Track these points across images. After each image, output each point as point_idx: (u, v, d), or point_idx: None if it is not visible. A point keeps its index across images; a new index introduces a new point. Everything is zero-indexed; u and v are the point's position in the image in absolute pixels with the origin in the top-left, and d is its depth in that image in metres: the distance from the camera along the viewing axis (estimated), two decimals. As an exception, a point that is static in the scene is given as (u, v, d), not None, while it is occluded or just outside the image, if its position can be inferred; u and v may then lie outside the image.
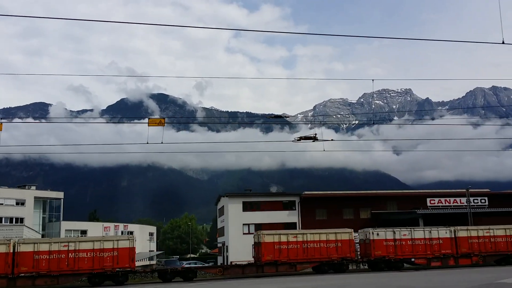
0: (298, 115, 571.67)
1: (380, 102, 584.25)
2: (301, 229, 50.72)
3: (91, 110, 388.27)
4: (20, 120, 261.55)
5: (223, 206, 58.12)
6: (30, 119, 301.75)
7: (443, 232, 37.57)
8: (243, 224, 53.70)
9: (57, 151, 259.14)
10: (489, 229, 38.60)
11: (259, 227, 50.83)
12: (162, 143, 27.26)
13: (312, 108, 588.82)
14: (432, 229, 37.73)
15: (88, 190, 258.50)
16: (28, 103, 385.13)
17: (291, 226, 52.43)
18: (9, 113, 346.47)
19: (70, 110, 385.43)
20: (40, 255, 29.14)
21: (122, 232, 74.36)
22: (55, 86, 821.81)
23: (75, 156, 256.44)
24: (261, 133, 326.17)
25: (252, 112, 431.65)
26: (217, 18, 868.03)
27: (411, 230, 37.22)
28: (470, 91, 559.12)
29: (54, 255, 29.25)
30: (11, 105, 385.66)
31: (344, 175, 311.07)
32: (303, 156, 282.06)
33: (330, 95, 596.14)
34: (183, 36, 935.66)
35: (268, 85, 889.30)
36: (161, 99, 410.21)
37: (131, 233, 71.79)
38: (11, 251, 28.69)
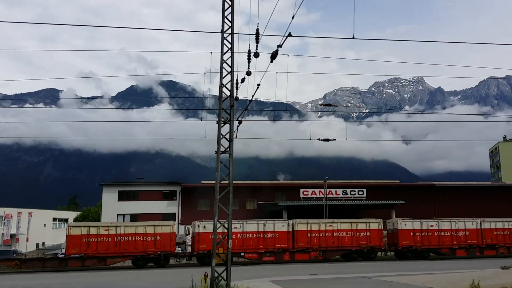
0: (308, 103, 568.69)
1: (392, 91, 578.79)
2: (181, 220, 49.63)
3: (101, 97, 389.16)
4: (30, 106, 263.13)
5: (103, 196, 55.83)
6: (41, 105, 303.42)
7: (280, 226, 35.83)
8: (118, 215, 51.04)
9: (67, 136, 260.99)
10: (332, 223, 36.98)
11: (135, 217, 49.09)
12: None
13: (322, 97, 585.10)
14: (268, 221, 36.18)
15: (97, 175, 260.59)
16: (39, 89, 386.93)
17: (170, 216, 49.70)
18: (21, 99, 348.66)
19: (81, 97, 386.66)
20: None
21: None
22: (66, 72, 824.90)
23: (84, 142, 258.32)
24: (269, 121, 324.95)
25: (262, 100, 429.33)
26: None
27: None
28: (483, 80, 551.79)
29: None
30: (23, 91, 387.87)
31: (352, 164, 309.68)
32: (312, 144, 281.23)
33: (341, 84, 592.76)
34: (195, 23, 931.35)
35: (279, 74, 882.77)
36: (171, 86, 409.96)
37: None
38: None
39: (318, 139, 28.09)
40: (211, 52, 17.08)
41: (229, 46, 16.28)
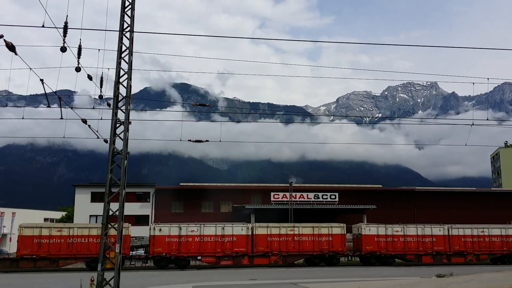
0: (321, 107, 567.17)
1: (405, 96, 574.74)
2: (154, 222, 48.29)
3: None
4: (44, 107, 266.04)
5: (78, 197, 55.69)
6: (55, 106, 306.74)
7: (239, 229, 35.25)
8: (90, 216, 50.76)
9: (81, 137, 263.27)
10: (293, 227, 36.32)
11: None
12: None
13: (335, 101, 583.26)
14: (226, 225, 35.65)
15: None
16: (53, 90, 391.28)
17: (143, 219, 50.00)
18: (36, 100, 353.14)
19: (94, 98, 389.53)
20: None
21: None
22: (80, 73, 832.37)
23: (97, 143, 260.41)
24: (282, 124, 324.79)
25: (274, 103, 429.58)
26: (242, 8, 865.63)
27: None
28: (498, 85, 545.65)
29: None
30: (37, 92, 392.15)
31: (364, 168, 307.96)
32: (323, 148, 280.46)
33: (354, 88, 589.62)
34: (209, 26, 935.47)
35: (292, 77, 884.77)
36: (184, 88, 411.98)
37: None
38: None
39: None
40: (98, 50, 16.86)
41: (128, 45, 15.67)
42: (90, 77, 15.84)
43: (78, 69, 14.55)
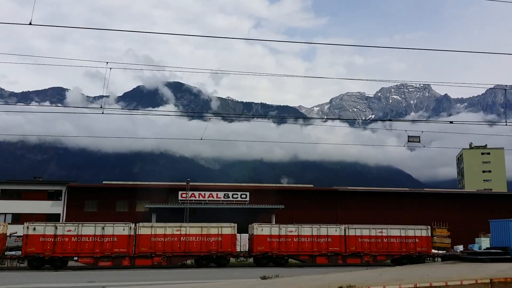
0: (314, 107, 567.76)
1: (398, 97, 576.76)
2: (66, 221, 48.07)
3: (107, 96, 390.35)
4: (37, 105, 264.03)
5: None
6: (47, 103, 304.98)
7: (120, 229, 34.04)
8: None
9: (72, 135, 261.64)
10: (180, 227, 35.36)
11: (17, 217, 48.27)
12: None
13: (328, 101, 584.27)
14: (107, 224, 34.52)
15: (101, 175, 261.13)
16: (46, 88, 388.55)
17: (54, 217, 48.85)
18: (28, 97, 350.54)
19: (87, 96, 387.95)
20: None
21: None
22: (73, 71, 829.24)
23: (89, 141, 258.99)
24: (274, 124, 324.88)
25: (268, 103, 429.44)
26: (238, 8, 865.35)
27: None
28: (490, 88, 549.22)
29: None
30: (30, 89, 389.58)
31: (356, 169, 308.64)
32: (315, 148, 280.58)
33: (348, 89, 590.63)
34: (205, 26, 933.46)
35: (286, 77, 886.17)
36: (177, 87, 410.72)
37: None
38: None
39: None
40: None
41: None
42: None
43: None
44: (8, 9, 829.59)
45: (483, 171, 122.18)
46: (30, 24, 12.18)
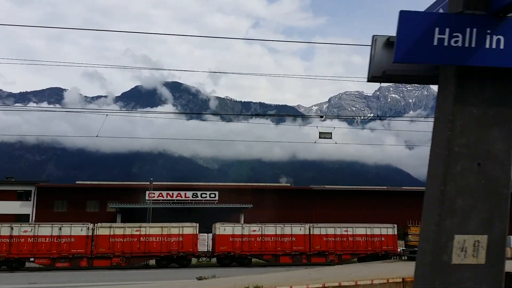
0: (313, 107, 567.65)
1: (396, 96, 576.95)
2: (35, 221, 47.32)
3: (105, 96, 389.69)
4: (35, 106, 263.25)
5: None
6: (45, 104, 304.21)
7: (78, 230, 33.77)
8: None
9: (70, 135, 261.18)
10: (140, 227, 35.01)
11: None
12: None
13: (327, 100, 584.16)
14: (64, 225, 34.11)
15: (99, 175, 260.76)
16: (44, 88, 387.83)
17: (23, 218, 48.34)
18: (25, 98, 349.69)
19: (85, 96, 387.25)
20: None
21: None
22: (72, 71, 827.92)
23: (87, 142, 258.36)
24: (273, 123, 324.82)
25: (266, 103, 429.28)
26: (236, 7, 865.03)
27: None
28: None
29: None
30: (28, 90, 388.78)
31: (355, 168, 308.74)
32: (314, 148, 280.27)
33: (347, 88, 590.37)
34: (203, 25, 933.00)
35: (285, 77, 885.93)
36: (175, 87, 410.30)
37: None
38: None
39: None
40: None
41: None
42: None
43: None
44: (5, 9, 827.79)
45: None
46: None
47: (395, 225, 39.39)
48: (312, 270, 23.53)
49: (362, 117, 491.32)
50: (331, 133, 28.29)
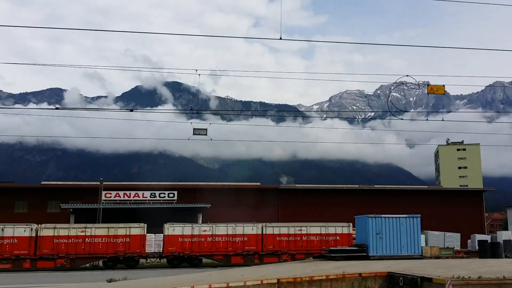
0: (314, 106, 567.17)
1: (397, 95, 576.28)
2: None
3: (106, 97, 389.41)
4: (35, 106, 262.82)
5: None
6: (45, 104, 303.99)
7: (21, 231, 33.37)
8: None
9: (70, 136, 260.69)
10: (85, 228, 34.59)
11: None
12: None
13: (328, 99, 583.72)
14: (7, 226, 33.96)
15: (99, 176, 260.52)
16: (44, 89, 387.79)
17: None
18: (25, 98, 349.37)
19: (85, 96, 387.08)
20: None
21: None
22: (71, 72, 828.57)
23: (87, 142, 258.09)
24: (273, 123, 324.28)
25: (267, 102, 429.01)
26: (236, 7, 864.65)
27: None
28: (490, 85, 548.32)
29: None
30: (27, 90, 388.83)
31: (356, 167, 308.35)
32: (315, 147, 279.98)
33: (347, 87, 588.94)
34: (203, 25, 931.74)
35: (286, 76, 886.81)
36: (175, 87, 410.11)
37: None
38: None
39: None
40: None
41: None
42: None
43: None
44: (5, 10, 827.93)
45: (459, 167, 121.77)
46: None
47: (351, 224, 38.59)
48: (214, 272, 22.86)
49: (363, 116, 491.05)
50: (206, 129, 27.56)
